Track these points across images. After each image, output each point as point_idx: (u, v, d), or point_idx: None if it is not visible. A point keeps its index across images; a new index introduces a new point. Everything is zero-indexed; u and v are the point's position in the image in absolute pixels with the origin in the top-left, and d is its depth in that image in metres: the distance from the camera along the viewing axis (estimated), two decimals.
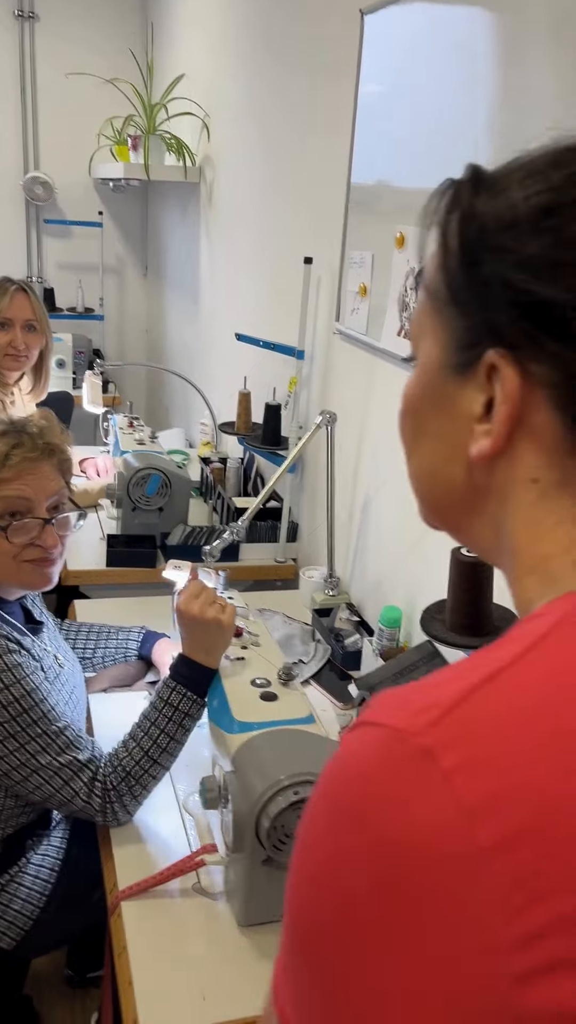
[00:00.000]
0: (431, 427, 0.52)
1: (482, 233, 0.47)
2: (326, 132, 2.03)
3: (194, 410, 3.37)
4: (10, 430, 1.23)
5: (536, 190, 0.45)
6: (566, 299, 0.43)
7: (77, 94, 3.93)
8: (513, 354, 0.46)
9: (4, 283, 2.27)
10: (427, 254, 0.51)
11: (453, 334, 0.50)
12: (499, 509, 0.49)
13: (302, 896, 0.40)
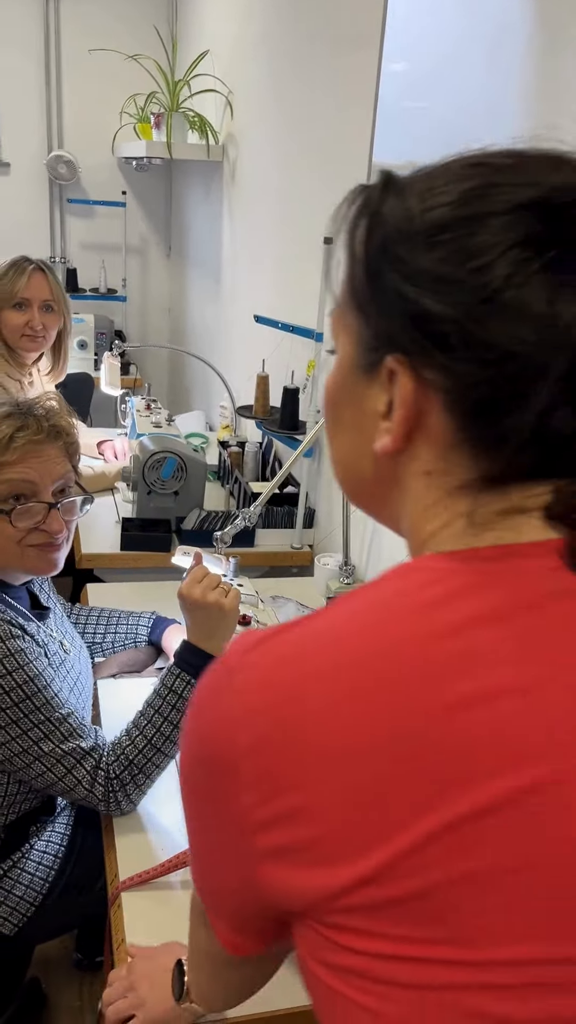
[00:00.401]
0: (345, 419, 0.56)
1: (384, 243, 0.49)
2: (348, 110, 1.98)
3: (214, 393, 3.34)
4: (15, 412, 1.20)
5: (432, 204, 0.48)
6: (448, 313, 0.46)
7: (100, 71, 3.89)
8: (409, 360, 0.49)
9: (22, 263, 2.24)
10: (338, 258, 0.54)
11: (360, 336, 0.53)
12: (400, 496, 0.54)
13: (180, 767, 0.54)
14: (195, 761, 0.51)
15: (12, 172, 4.07)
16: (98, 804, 1.19)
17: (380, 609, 0.48)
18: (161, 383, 4.57)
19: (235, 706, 0.47)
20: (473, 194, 0.47)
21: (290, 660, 0.47)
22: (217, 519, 2.12)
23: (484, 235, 0.46)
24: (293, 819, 0.45)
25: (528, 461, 0.47)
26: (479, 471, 0.49)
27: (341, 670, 0.45)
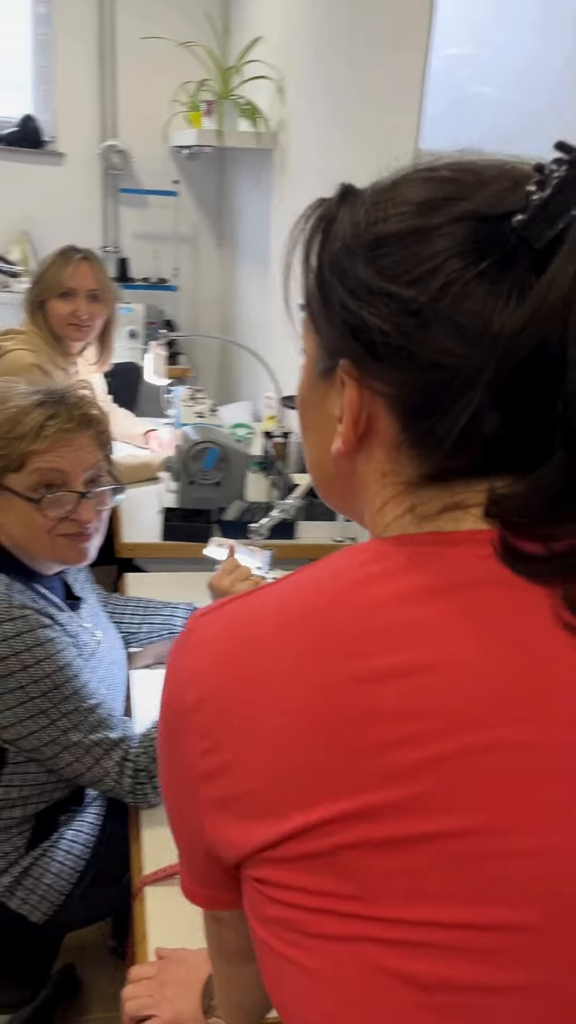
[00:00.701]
0: (311, 421, 0.59)
1: (332, 256, 0.52)
2: (396, 95, 1.93)
3: (261, 382, 3.32)
4: (47, 400, 1.20)
5: (375, 219, 0.51)
6: (379, 326, 0.49)
7: (153, 59, 3.88)
8: (356, 367, 0.52)
9: (69, 252, 2.25)
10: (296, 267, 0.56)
11: (318, 342, 0.56)
12: (361, 495, 0.57)
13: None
14: (162, 716, 0.55)
15: (66, 162, 4.10)
16: (125, 796, 1.18)
17: (317, 583, 0.52)
18: (211, 372, 4.57)
19: (187, 663, 0.52)
20: (414, 209, 0.49)
21: (233, 626, 0.52)
22: (258, 510, 2.10)
23: (418, 249, 0.48)
24: (227, 773, 0.49)
25: (467, 460, 0.50)
26: (421, 470, 0.52)
27: (274, 638, 0.50)
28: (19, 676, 1.12)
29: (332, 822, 0.45)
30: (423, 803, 0.44)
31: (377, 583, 0.49)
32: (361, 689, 0.46)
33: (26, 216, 4.10)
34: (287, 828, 0.46)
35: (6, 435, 1.15)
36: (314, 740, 0.46)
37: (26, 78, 4.05)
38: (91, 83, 4.01)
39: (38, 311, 2.25)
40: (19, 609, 1.13)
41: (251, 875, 0.49)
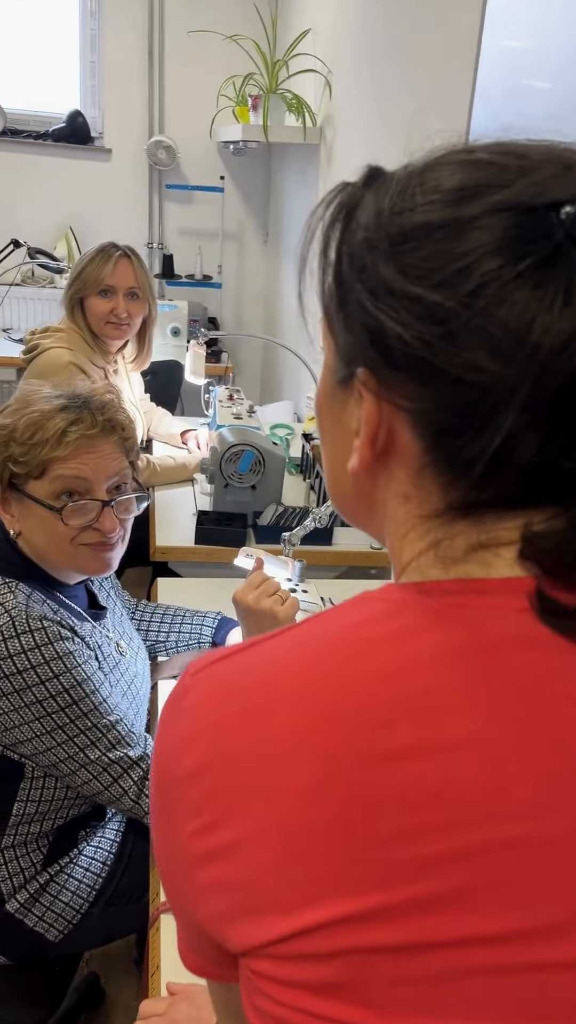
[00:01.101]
0: (328, 431, 0.53)
1: (352, 249, 0.46)
2: (446, 89, 1.86)
3: (304, 382, 3.26)
4: (70, 404, 1.15)
5: (402, 208, 0.44)
6: (401, 333, 0.42)
7: (200, 54, 3.85)
8: (376, 378, 0.45)
9: (109, 249, 2.22)
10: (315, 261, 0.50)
11: (336, 346, 0.49)
12: (382, 517, 0.51)
13: None
14: (152, 782, 0.50)
15: (113, 158, 4.09)
16: (144, 817, 1.14)
17: (327, 642, 0.45)
18: (254, 371, 4.53)
19: (181, 727, 0.47)
20: (445, 197, 0.42)
21: (232, 688, 0.46)
22: (294, 515, 2.05)
23: (448, 245, 0.41)
24: (223, 857, 0.43)
25: (500, 490, 0.43)
26: (448, 499, 0.45)
27: (276, 705, 0.44)
28: (36, 690, 1.08)
29: (340, 923, 0.39)
30: (442, 905, 0.38)
31: (394, 643, 0.43)
32: (373, 769, 0.40)
33: (72, 212, 4.11)
34: (291, 927, 0.41)
35: (27, 441, 1.12)
36: (320, 826, 0.41)
37: (74, 74, 4.04)
38: (139, 78, 3.99)
39: (77, 308, 2.22)
40: (37, 621, 1.09)
41: (250, 965, 0.44)
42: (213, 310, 4.20)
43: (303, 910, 0.40)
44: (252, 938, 0.42)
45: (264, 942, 0.42)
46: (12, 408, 1.17)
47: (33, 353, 2.17)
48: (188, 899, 0.46)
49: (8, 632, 1.08)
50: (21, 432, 1.12)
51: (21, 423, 1.12)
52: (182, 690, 0.48)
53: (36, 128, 4.04)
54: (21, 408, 1.15)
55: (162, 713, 0.50)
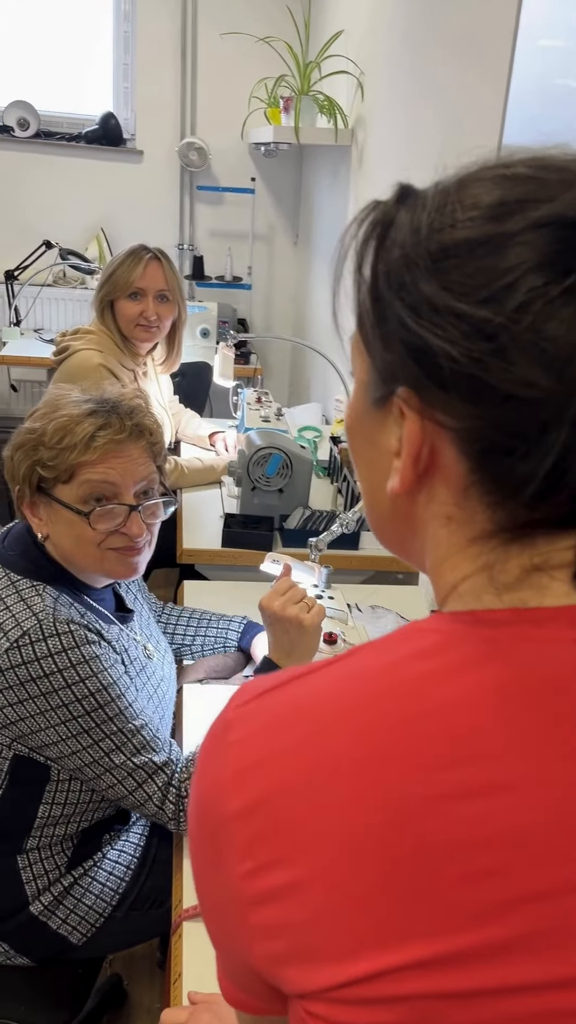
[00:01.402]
0: (362, 452, 0.52)
1: (389, 267, 0.45)
2: (480, 90, 1.84)
3: (332, 384, 3.25)
4: (98, 409, 1.16)
5: (441, 224, 0.43)
6: (447, 350, 0.41)
7: (232, 56, 3.85)
8: (418, 396, 0.44)
9: (139, 251, 2.22)
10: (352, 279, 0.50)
11: (371, 366, 0.48)
12: (422, 540, 0.49)
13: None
14: (194, 819, 0.48)
15: (145, 160, 4.11)
16: (168, 822, 1.14)
17: (378, 677, 0.44)
18: (283, 372, 4.53)
19: (227, 764, 0.45)
20: (485, 213, 0.42)
21: (281, 723, 0.45)
22: (321, 519, 2.04)
23: (492, 260, 0.40)
24: (280, 899, 0.42)
25: (553, 510, 0.42)
26: (496, 520, 0.44)
27: (329, 743, 0.42)
28: (62, 694, 1.08)
29: (406, 968, 0.38)
30: (513, 949, 0.38)
31: (448, 679, 0.42)
32: (433, 811, 0.39)
33: (103, 213, 4.13)
34: (354, 972, 0.39)
35: (56, 445, 1.12)
36: (379, 870, 0.39)
37: (107, 76, 4.07)
38: (171, 80, 4.00)
39: (107, 311, 2.23)
40: (64, 624, 1.10)
41: (306, 1007, 0.42)
42: (242, 311, 4.20)
43: (366, 955, 0.39)
44: (312, 982, 0.41)
45: (325, 987, 0.40)
46: (41, 412, 1.18)
47: (63, 355, 2.18)
48: (240, 939, 0.45)
49: (36, 635, 1.08)
50: (50, 436, 1.13)
51: (50, 427, 1.13)
52: (225, 724, 0.47)
53: (69, 130, 4.07)
54: (50, 412, 1.16)
55: (203, 748, 0.48)
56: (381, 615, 1.74)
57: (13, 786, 1.16)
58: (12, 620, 1.10)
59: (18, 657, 1.08)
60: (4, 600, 1.12)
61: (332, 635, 1.19)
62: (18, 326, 3.94)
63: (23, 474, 1.15)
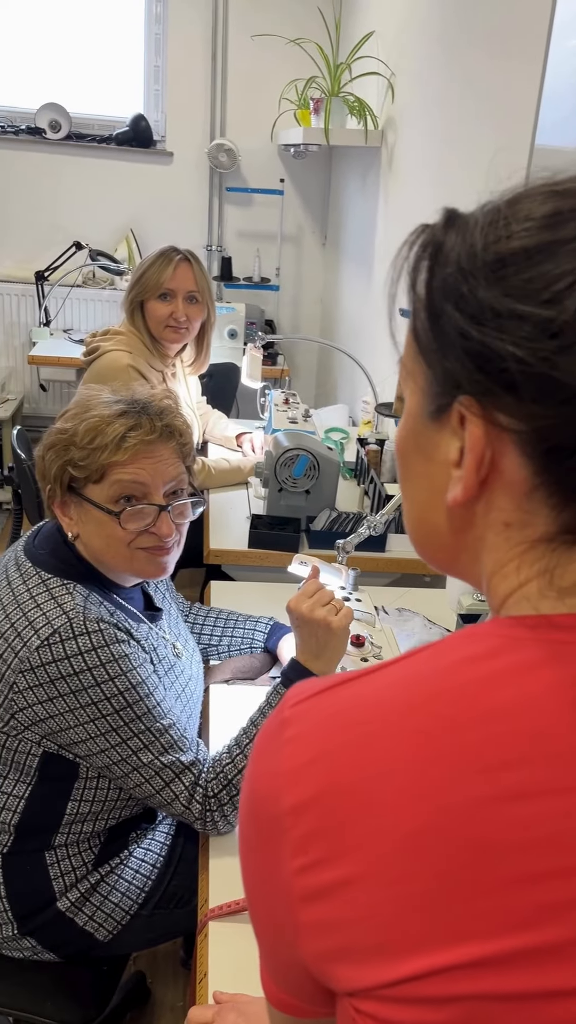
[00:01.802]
0: (416, 470, 0.53)
1: (445, 281, 0.46)
2: (512, 92, 1.83)
3: (359, 386, 3.25)
4: (129, 410, 1.16)
5: (496, 237, 0.45)
6: (513, 352, 0.42)
7: (263, 57, 3.86)
8: (480, 402, 0.45)
9: (169, 253, 2.23)
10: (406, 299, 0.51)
11: (427, 380, 0.49)
12: (478, 551, 0.50)
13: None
14: (246, 814, 0.48)
15: (175, 162, 4.13)
16: (195, 822, 1.14)
17: (437, 678, 0.44)
18: (310, 373, 4.53)
19: (283, 760, 0.45)
20: (539, 223, 0.44)
21: (338, 721, 0.45)
22: (348, 521, 2.04)
23: (551, 265, 0.42)
24: (332, 896, 0.42)
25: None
26: (560, 523, 0.45)
27: (386, 742, 0.43)
28: (92, 692, 1.09)
29: (458, 968, 0.39)
30: (566, 952, 0.38)
31: (508, 682, 0.42)
32: (489, 811, 0.39)
33: (133, 214, 4.16)
34: (405, 971, 0.40)
35: (87, 445, 1.13)
36: (434, 869, 0.40)
37: (138, 78, 4.09)
38: (202, 82, 4.02)
39: (137, 312, 2.24)
40: (94, 623, 1.10)
41: (355, 1005, 0.42)
42: (270, 312, 4.21)
43: (418, 953, 0.40)
44: (362, 979, 0.41)
45: (375, 984, 0.41)
46: (72, 413, 1.19)
47: (93, 355, 2.20)
48: (288, 935, 0.45)
49: (66, 633, 1.09)
50: (81, 437, 1.13)
51: (81, 428, 1.14)
52: (281, 722, 0.47)
53: (100, 132, 4.10)
54: (81, 413, 1.17)
55: (257, 744, 0.49)
56: (408, 618, 1.73)
57: (42, 782, 1.17)
58: (43, 618, 1.11)
59: (48, 655, 1.09)
60: (35, 598, 1.13)
61: (360, 638, 1.19)
62: (48, 326, 3.97)
63: (54, 474, 1.16)
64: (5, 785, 1.18)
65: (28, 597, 1.14)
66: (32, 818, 1.19)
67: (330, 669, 1.16)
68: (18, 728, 1.13)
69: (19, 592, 1.15)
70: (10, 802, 1.18)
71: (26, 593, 1.15)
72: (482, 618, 1.69)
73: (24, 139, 3.98)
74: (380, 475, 2.30)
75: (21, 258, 4.14)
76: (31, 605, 1.13)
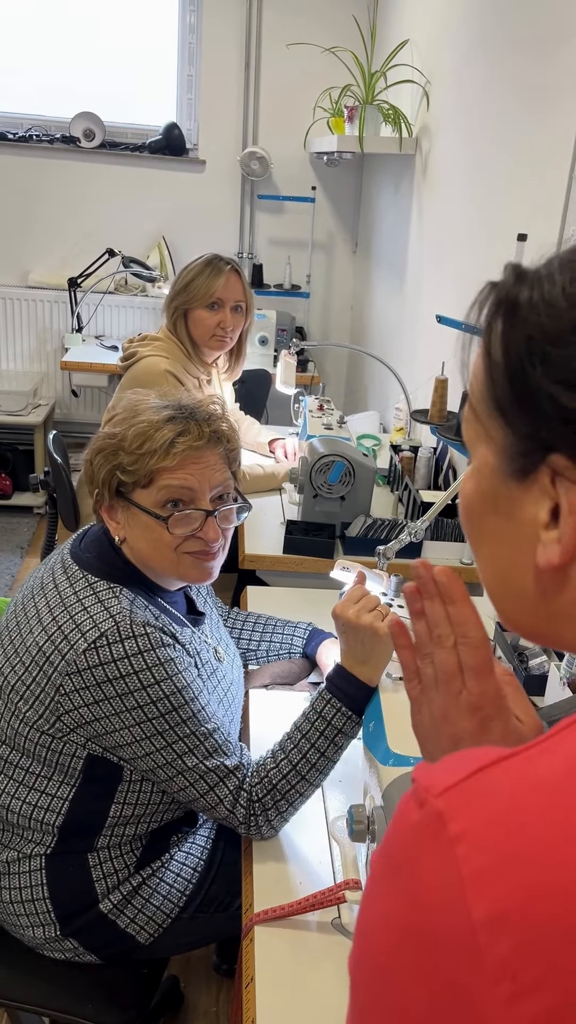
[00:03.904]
0: (493, 530, 0.50)
1: (528, 343, 0.44)
2: (551, 101, 1.83)
3: (391, 393, 3.24)
4: (178, 416, 1.17)
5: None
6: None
7: (297, 66, 3.88)
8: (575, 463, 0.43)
9: (217, 262, 2.23)
10: (470, 362, 0.50)
11: (507, 442, 0.47)
12: (573, 614, 0.46)
13: (359, 934, 0.42)
14: (405, 933, 0.38)
15: (207, 170, 4.16)
16: (239, 826, 1.14)
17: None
18: (339, 380, 4.53)
19: (461, 863, 0.37)
20: None
21: (525, 812, 0.38)
22: (383, 527, 2.04)
23: None
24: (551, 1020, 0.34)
25: None
26: None
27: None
28: (138, 695, 1.10)
29: None
30: None
31: None
32: None
33: (165, 222, 4.19)
34: None
35: (136, 451, 1.14)
36: None
37: (171, 87, 4.13)
38: (235, 90, 4.05)
39: (180, 319, 2.24)
40: (140, 627, 1.11)
41: None
42: (300, 319, 4.22)
43: None
44: None
45: None
46: (120, 417, 1.20)
47: (130, 360, 2.22)
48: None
49: (113, 637, 1.10)
50: (130, 442, 1.14)
51: (130, 433, 1.15)
52: (436, 816, 0.39)
53: (133, 140, 4.14)
54: (129, 418, 1.18)
55: (403, 845, 0.41)
56: None
57: (86, 784, 1.18)
58: (90, 621, 1.11)
59: (95, 658, 1.09)
60: (82, 602, 1.14)
61: None
62: (80, 332, 4.01)
63: (103, 478, 1.17)
64: (49, 787, 1.19)
65: (75, 600, 1.15)
66: (75, 820, 1.19)
67: (376, 675, 1.16)
68: (64, 730, 1.14)
69: (66, 595, 1.16)
70: (54, 803, 1.19)
71: (73, 596, 1.16)
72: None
73: (59, 148, 4.03)
74: (414, 482, 2.30)
75: (54, 265, 4.18)
76: (78, 608, 1.14)
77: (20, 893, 1.21)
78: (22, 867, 1.22)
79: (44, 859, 1.21)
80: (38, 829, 1.20)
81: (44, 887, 1.20)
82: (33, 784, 1.19)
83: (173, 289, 2.25)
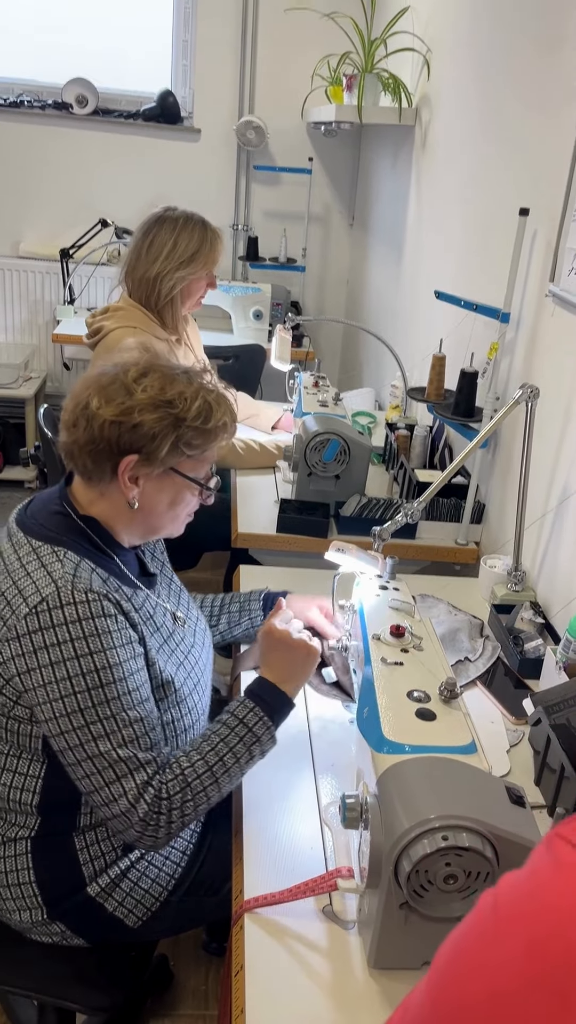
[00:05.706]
0: None
1: None
2: (553, 72, 1.78)
3: (386, 370, 3.21)
4: (219, 398, 1.21)
5: None
6: None
7: (295, 33, 3.79)
8: None
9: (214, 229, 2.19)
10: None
11: None
12: None
13: (451, 976, 0.41)
14: (543, 971, 0.37)
15: (202, 139, 4.08)
16: (134, 824, 1.07)
17: None
18: (334, 356, 4.48)
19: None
20: None
21: None
22: (378, 507, 2.01)
23: None
24: None
25: None
26: None
27: None
28: (70, 665, 1.05)
29: None
30: None
31: None
32: None
33: (159, 192, 4.10)
34: None
35: (201, 426, 1.17)
36: None
37: (166, 53, 4.03)
38: (231, 57, 3.95)
39: (166, 287, 2.17)
40: (82, 593, 1.07)
41: None
42: (295, 293, 4.16)
43: None
44: None
45: None
46: (149, 381, 1.16)
47: (98, 336, 2.15)
48: None
49: (53, 602, 1.06)
50: (192, 417, 1.16)
51: (192, 409, 1.16)
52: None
53: (127, 108, 4.05)
54: (166, 385, 1.17)
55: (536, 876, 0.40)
56: (432, 604, 1.71)
57: (50, 761, 1.15)
58: (32, 587, 1.08)
59: (35, 623, 1.06)
60: (26, 567, 1.11)
61: (400, 628, 1.17)
62: (72, 304, 3.95)
63: (166, 452, 1.15)
64: (20, 765, 1.16)
65: (19, 566, 1.12)
66: (51, 798, 1.17)
67: (296, 692, 1.21)
68: (9, 704, 1.11)
69: (10, 562, 1.14)
70: (28, 782, 1.16)
71: (17, 563, 1.13)
72: (516, 609, 1.67)
73: (50, 114, 3.94)
74: (410, 461, 2.27)
75: (46, 235, 4.11)
76: (21, 574, 1.11)
77: (6, 877, 1.20)
78: (8, 851, 1.20)
79: (29, 842, 1.19)
80: (19, 811, 1.18)
81: (30, 871, 1.19)
82: (4, 764, 1.17)
83: (175, 261, 2.15)
